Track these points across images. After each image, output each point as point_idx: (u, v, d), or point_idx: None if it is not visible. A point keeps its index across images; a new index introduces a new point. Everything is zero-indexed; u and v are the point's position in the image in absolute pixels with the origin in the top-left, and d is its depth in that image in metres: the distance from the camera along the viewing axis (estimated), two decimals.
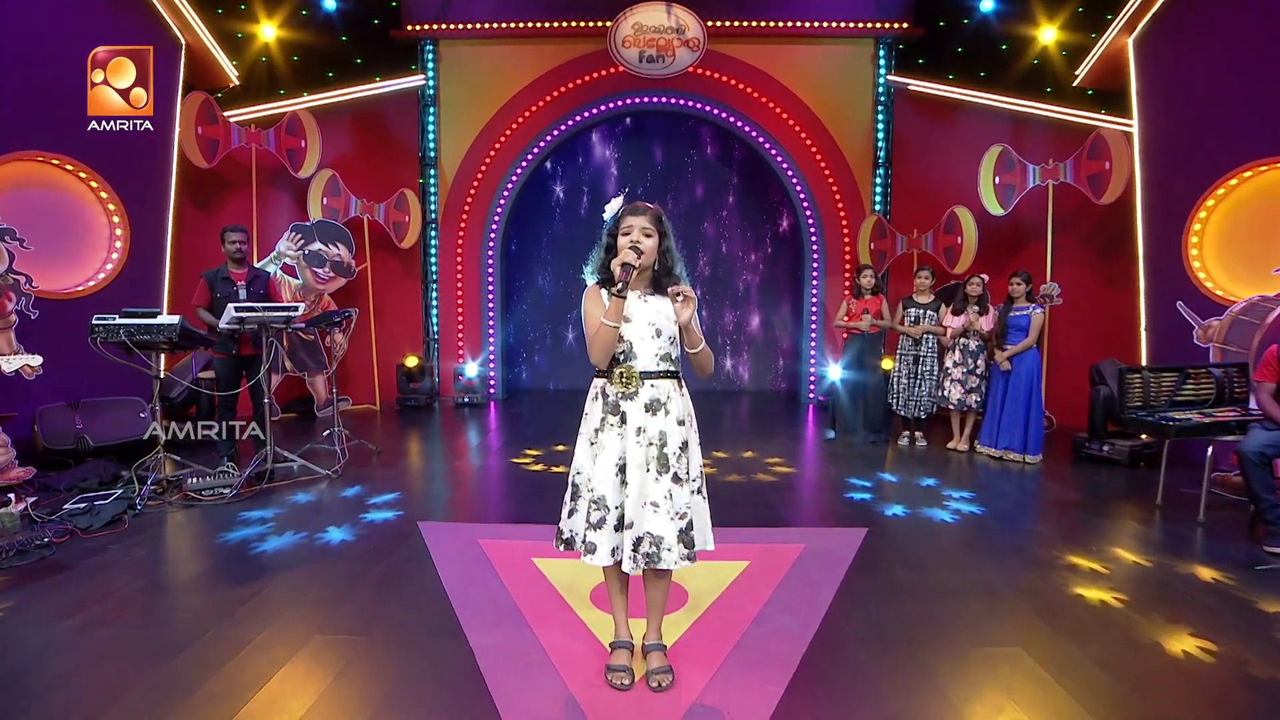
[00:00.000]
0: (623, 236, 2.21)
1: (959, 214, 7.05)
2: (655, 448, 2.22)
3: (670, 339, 2.26)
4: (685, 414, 2.30)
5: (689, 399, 2.37)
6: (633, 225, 2.20)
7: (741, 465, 5.31)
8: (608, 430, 2.23)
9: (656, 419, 2.22)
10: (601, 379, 2.28)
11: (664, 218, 2.27)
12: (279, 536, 3.71)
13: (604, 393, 2.26)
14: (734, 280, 9.25)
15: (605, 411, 2.24)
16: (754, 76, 8.01)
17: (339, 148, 7.65)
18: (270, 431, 4.74)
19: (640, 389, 2.22)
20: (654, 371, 2.23)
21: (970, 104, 7.52)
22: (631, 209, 2.24)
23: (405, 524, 3.97)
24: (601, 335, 2.14)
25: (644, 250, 2.17)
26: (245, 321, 4.54)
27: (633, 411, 2.21)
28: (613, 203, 2.29)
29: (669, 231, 2.28)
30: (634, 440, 2.20)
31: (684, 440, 2.27)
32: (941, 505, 4.37)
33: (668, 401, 2.24)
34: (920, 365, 5.98)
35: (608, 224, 2.30)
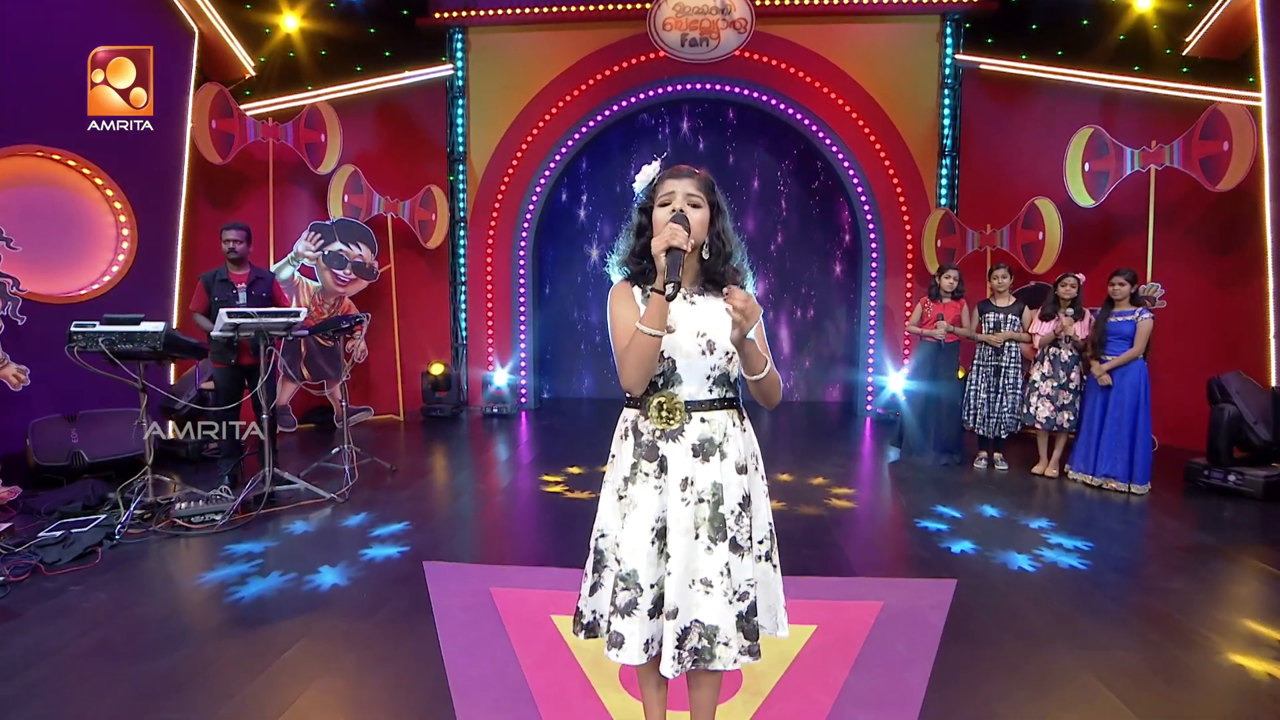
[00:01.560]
0: (660, 208, 1.62)
1: (1040, 206, 6.25)
2: (707, 506, 1.61)
3: (727, 354, 1.65)
4: (747, 456, 1.69)
5: (752, 435, 1.75)
6: (674, 191, 1.61)
7: (796, 492, 4.65)
8: (641, 481, 1.63)
9: (709, 466, 1.62)
10: (633, 409, 1.68)
11: (716, 187, 1.67)
12: (263, 578, 3.21)
13: (636, 429, 1.67)
14: (785, 281, 8.55)
15: (638, 455, 1.64)
16: (806, 59, 7.33)
17: (362, 142, 7.24)
18: (270, 450, 4.26)
19: (686, 424, 1.62)
20: (705, 401, 1.63)
21: (1051, 82, 6.70)
22: (672, 171, 1.64)
23: (409, 562, 3.44)
24: (638, 347, 1.54)
25: (692, 225, 1.58)
26: (240, 328, 4.08)
27: (676, 456, 1.61)
28: (646, 169, 1.69)
29: (724, 205, 1.68)
30: (677, 496, 1.60)
31: (745, 494, 1.65)
32: (1042, 548, 3.64)
33: (724, 441, 1.64)
34: (1002, 378, 5.22)
35: (638, 197, 1.70)
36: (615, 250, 1.73)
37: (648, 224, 1.65)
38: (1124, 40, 6.47)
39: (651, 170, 1.68)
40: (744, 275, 1.72)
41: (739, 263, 1.70)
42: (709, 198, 1.63)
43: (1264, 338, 5.16)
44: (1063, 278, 5.01)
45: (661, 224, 1.59)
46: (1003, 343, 5.18)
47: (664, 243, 1.50)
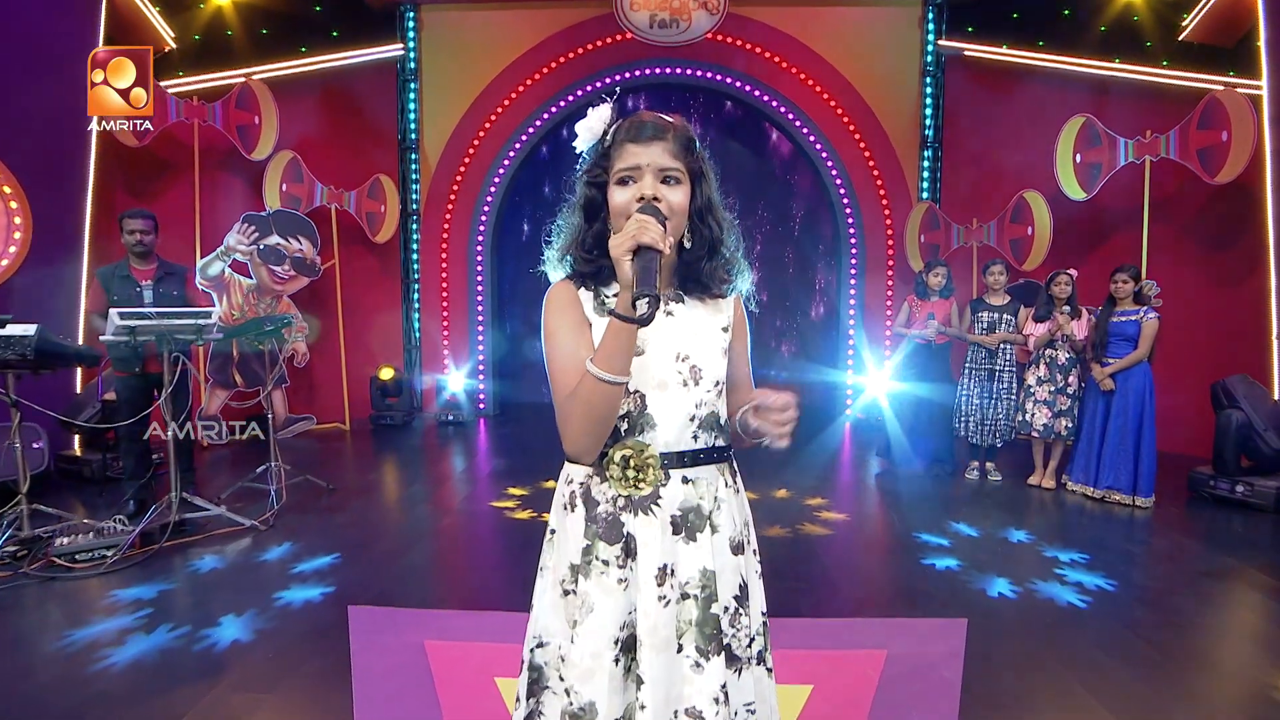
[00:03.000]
0: (619, 187, 1.13)
1: (1029, 200, 5.92)
2: (695, 604, 1.14)
3: (717, 385, 1.19)
4: (742, 526, 1.23)
5: (744, 494, 1.28)
6: (640, 165, 1.12)
7: (778, 511, 4.21)
8: (598, 573, 1.15)
9: (695, 547, 1.16)
10: (583, 468, 1.20)
11: (696, 142, 1.18)
12: (147, 635, 2.65)
13: (588, 496, 1.19)
14: (760, 277, 8.13)
15: (593, 535, 1.16)
16: (782, 43, 6.92)
17: (302, 127, 6.61)
18: (177, 473, 3.68)
19: (663, 488, 1.15)
20: (688, 453, 1.17)
21: (1040, 69, 6.39)
22: (635, 128, 1.14)
23: (333, 608, 2.92)
24: (588, 398, 1.07)
25: (665, 213, 1.10)
26: (137, 332, 3.49)
27: (648, 535, 1.14)
28: (592, 116, 1.18)
29: (709, 171, 1.20)
30: (652, 593, 1.13)
31: (744, 579, 1.19)
32: (1053, 575, 3.26)
33: (715, 510, 1.18)
34: (996, 382, 4.86)
35: (585, 160, 1.21)
36: (553, 234, 1.25)
37: (601, 201, 1.16)
38: (1114, 26, 6.18)
39: (601, 118, 1.17)
40: (740, 271, 1.25)
41: (733, 252, 1.23)
42: (688, 164, 1.14)
43: (1265, 339, 4.90)
44: (1055, 275, 4.67)
45: (622, 212, 1.11)
46: (997, 344, 4.82)
47: (630, 240, 1.01)
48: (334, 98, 6.97)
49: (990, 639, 2.65)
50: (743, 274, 1.25)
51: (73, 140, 5.12)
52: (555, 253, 1.23)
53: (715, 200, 1.20)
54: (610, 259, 1.06)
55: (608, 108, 1.18)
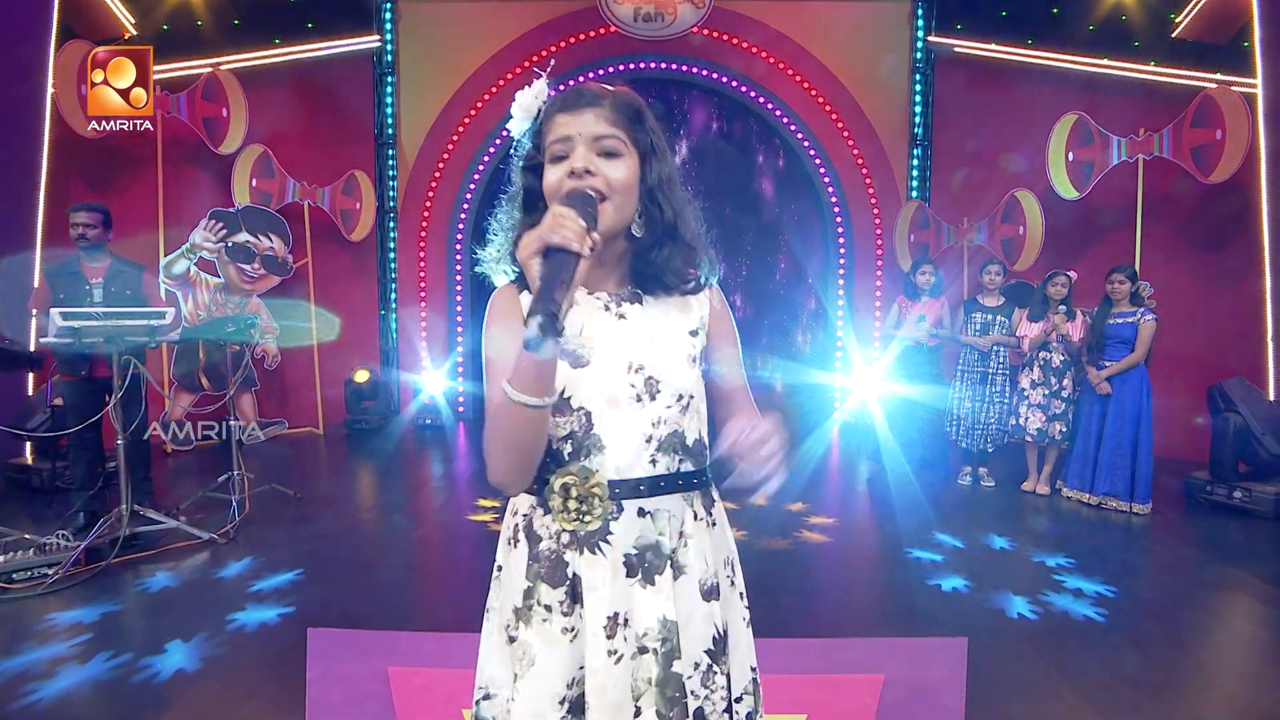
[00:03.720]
0: (552, 166, 0.97)
1: (1021, 199, 5.81)
2: (655, 660, 0.97)
3: (679, 399, 1.01)
4: (719, 566, 1.06)
5: (726, 526, 1.11)
6: (570, 135, 0.95)
7: (765, 520, 4.04)
8: (539, 621, 0.98)
9: (653, 593, 0.99)
10: (529, 497, 1.02)
11: (645, 113, 1.01)
12: (82, 665, 2.43)
13: (530, 530, 1.02)
14: (747, 277, 7.98)
15: (534, 576, 0.99)
16: (770, 39, 6.77)
17: (273, 120, 6.36)
18: (127, 484, 3.44)
19: (614, 521, 0.98)
20: (644, 480, 0.99)
21: (1032, 66, 6.28)
22: (567, 98, 0.97)
23: (291, 630, 2.71)
24: (506, 424, 0.91)
25: (604, 191, 0.94)
26: (82, 334, 3.26)
27: (596, 577, 0.97)
28: (523, 95, 1.02)
29: (662, 145, 1.02)
30: (601, 646, 0.96)
31: (720, 630, 1.02)
32: (1052, 587, 3.12)
33: (680, 548, 1.01)
34: (988, 385, 4.73)
35: (520, 143, 1.04)
36: (489, 232, 1.07)
37: (540, 189, 0.99)
38: (1106, 23, 6.09)
39: (534, 96, 1.01)
40: (705, 264, 1.07)
41: (694, 237, 1.05)
42: (633, 136, 0.97)
43: (1261, 340, 4.81)
44: (1052, 275, 4.55)
45: (555, 194, 0.93)
46: (990, 346, 4.69)
47: (536, 240, 0.83)
48: (307, 90, 6.73)
49: (989, 658, 2.50)
50: (708, 264, 1.07)
51: (23, 131, 4.86)
52: (492, 252, 1.05)
53: (670, 179, 1.02)
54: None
55: (542, 83, 1.01)
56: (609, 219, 0.94)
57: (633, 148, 0.97)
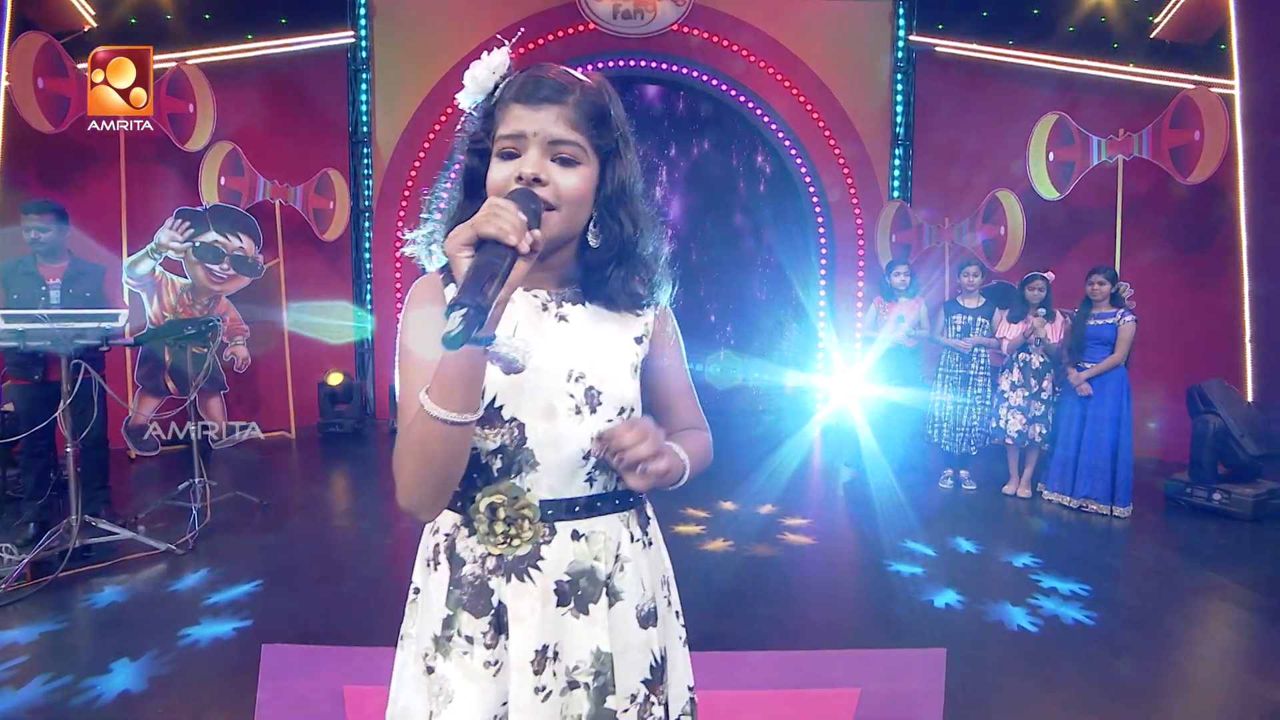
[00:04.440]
0: (500, 161, 0.86)
1: (1002, 199, 5.79)
2: (586, 695, 0.89)
3: (622, 412, 0.93)
4: (656, 589, 0.98)
5: (661, 546, 1.05)
6: (525, 134, 0.84)
7: (741, 526, 3.96)
8: (459, 653, 0.90)
9: (586, 623, 0.91)
10: (453, 515, 0.93)
11: (613, 115, 0.90)
12: (17, 690, 2.30)
13: (452, 552, 0.93)
14: (726, 278, 7.91)
15: (455, 604, 0.91)
16: (751, 36, 6.71)
17: (243, 117, 6.20)
18: (77, 493, 3.30)
19: (545, 545, 0.90)
20: (580, 500, 0.92)
21: (1012, 66, 6.27)
22: (527, 87, 0.86)
23: (244, 646, 2.59)
24: (421, 441, 0.80)
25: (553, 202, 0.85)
26: (27, 336, 3.11)
27: (524, 606, 0.89)
28: (476, 68, 0.90)
29: (627, 150, 0.92)
30: (528, 681, 0.87)
31: (658, 657, 0.94)
32: (1035, 594, 3.07)
33: (616, 572, 0.93)
34: (969, 387, 4.69)
35: (470, 117, 0.93)
36: (426, 209, 0.97)
37: (484, 174, 0.89)
38: (1086, 24, 6.08)
39: (490, 70, 0.89)
40: (659, 283, 0.98)
41: (651, 258, 0.96)
42: (595, 141, 0.87)
43: (1239, 341, 4.80)
44: (1030, 278, 4.52)
45: (498, 193, 0.83)
46: (971, 348, 4.65)
47: (469, 230, 0.73)
48: (279, 87, 6.57)
49: (968, 668, 2.44)
50: (661, 286, 0.98)
51: None
52: (425, 234, 0.96)
53: (632, 190, 0.92)
54: None
55: (502, 54, 0.90)
56: (554, 228, 0.85)
57: (593, 154, 0.87)
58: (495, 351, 0.83)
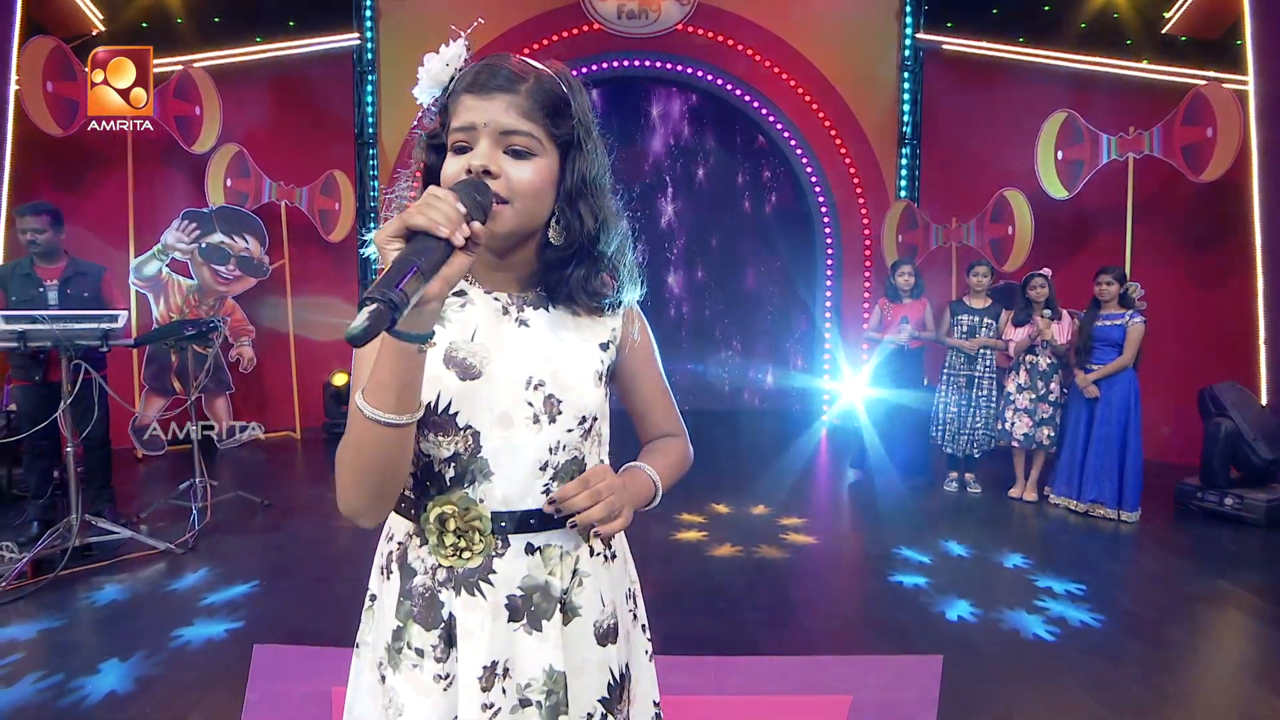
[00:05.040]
0: (454, 156, 0.84)
1: (1010, 199, 5.71)
2: (538, 713, 0.86)
3: (582, 422, 0.90)
4: (618, 604, 0.95)
5: (626, 558, 1.02)
6: (475, 125, 0.82)
7: (740, 528, 3.93)
8: (409, 666, 0.87)
9: (539, 640, 0.88)
10: (406, 523, 0.91)
11: (573, 103, 0.87)
12: (8, 688, 2.31)
13: (404, 561, 0.91)
14: (730, 278, 7.87)
15: (405, 615, 0.88)
16: (756, 35, 6.67)
17: (250, 119, 6.25)
18: (78, 493, 3.32)
19: (497, 557, 0.88)
20: (535, 512, 0.88)
21: (1021, 64, 6.19)
22: (477, 77, 0.83)
23: (237, 646, 2.60)
24: (356, 437, 0.78)
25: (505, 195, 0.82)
26: (27, 337, 3.14)
27: (473, 620, 0.86)
28: (438, 55, 0.88)
29: (589, 142, 0.88)
30: (475, 699, 0.85)
31: (617, 675, 0.92)
32: (1037, 600, 3.01)
33: (573, 588, 0.91)
34: (974, 389, 4.62)
35: (426, 109, 0.91)
36: (385, 208, 0.95)
37: (437, 170, 0.87)
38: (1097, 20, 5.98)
39: (444, 63, 0.87)
40: (626, 282, 0.95)
41: (615, 256, 0.93)
42: (551, 130, 0.84)
43: (1252, 343, 4.70)
44: (1030, 278, 4.45)
45: (450, 182, 0.81)
46: (976, 350, 4.58)
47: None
48: (285, 89, 6.61)
49: (966, 676, 2.39)
50: (629, 286, 0.95)
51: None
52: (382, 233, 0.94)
53: (595, 183, 0.88)
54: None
55: (458, 46, 0.88)
56: (507, 223, 0.82)
57: (550, 144, 0.84)
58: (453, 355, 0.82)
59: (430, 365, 0.85)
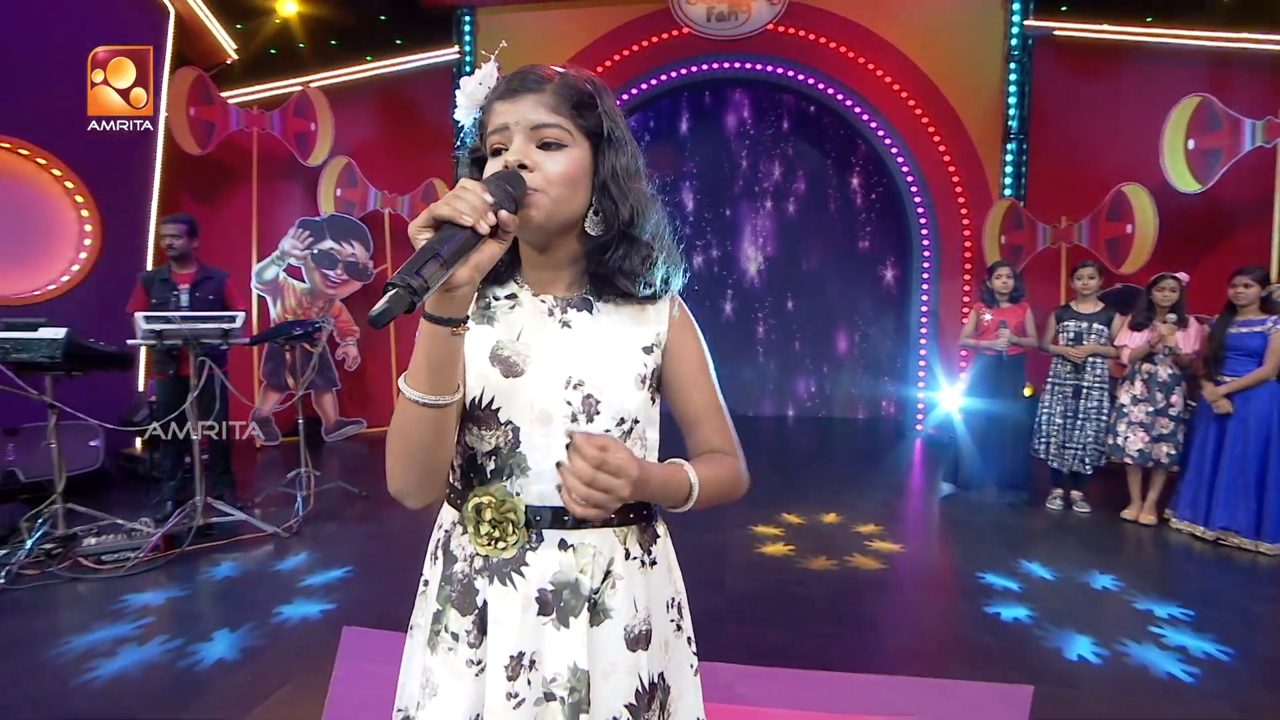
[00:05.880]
0: (493, 160, 0.88)
1: (1130, 194, 5.24)
2: (561, 709, 0.87)
3: (621, 423, 0.92)
4: (655, 613, 0.95)
5: (672, 566, 1.01)
6: (508, 124, 0.86)
7: (821, 538, 3.82)
8: (445, 649, 0.91)
9: (566, 636, 0.89)
10: (452, 511, 0.97)
11: (599, 98, 0.90)
12: (140, 647, 2.59)
13: (447, 547, 0.96)
14: (821, 282, 7.66)
15: (445, 599, 0.93)
16: (849, 32, 6.47)
17: (358, 132, 6.71)
18: (202, 478, 3.67)
19: (530, 551, 0.90)
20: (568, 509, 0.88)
21: (1145, 46, 5.68)
22: (505, 86, 0.89)
23: (329, 626, 2.78)
24: (399, 417, 0.84)
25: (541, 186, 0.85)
26: (164, 336, 3.51)
27: (503, 610, 0.89)
28: (473, 77, 0.93)
29: (619, 134, 0.91)
30: (501, 688, 0.87)
31: (647, 684, 0.91)
32: (1149, 636, 2.74)
33: (605, 589, 0.91)
34: (1084, 400, 4.27)
35: (468, 133, 0.96)
36: None
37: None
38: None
39: (478, 83, 0.92)
40: (666, 263, 0.95)
41: (654, 238, 0.93)
42: (579, 123, 0.87)
43: None
44: (1159, 279, 4.05)
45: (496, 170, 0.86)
46: (1085, 358, 4.23)
47: (425, 215, 0.73)
48: (390, 103, 7.04)
49: (1062, 712, 2.21)
50: (671, 267, 0.95)
51: (140, 150, 5.32)
52: None
53: (628, 169, 0.91)
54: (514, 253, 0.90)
55: (490, 67, 0.93)
56: (544, 211, 0.85)
57: (580, 136, 0.88)
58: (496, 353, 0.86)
59: (477, 362, 0.89)
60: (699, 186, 7.73)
